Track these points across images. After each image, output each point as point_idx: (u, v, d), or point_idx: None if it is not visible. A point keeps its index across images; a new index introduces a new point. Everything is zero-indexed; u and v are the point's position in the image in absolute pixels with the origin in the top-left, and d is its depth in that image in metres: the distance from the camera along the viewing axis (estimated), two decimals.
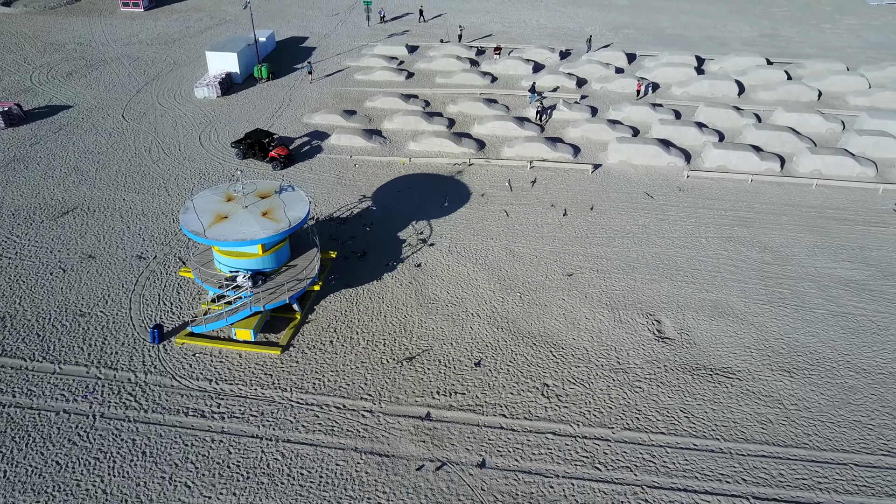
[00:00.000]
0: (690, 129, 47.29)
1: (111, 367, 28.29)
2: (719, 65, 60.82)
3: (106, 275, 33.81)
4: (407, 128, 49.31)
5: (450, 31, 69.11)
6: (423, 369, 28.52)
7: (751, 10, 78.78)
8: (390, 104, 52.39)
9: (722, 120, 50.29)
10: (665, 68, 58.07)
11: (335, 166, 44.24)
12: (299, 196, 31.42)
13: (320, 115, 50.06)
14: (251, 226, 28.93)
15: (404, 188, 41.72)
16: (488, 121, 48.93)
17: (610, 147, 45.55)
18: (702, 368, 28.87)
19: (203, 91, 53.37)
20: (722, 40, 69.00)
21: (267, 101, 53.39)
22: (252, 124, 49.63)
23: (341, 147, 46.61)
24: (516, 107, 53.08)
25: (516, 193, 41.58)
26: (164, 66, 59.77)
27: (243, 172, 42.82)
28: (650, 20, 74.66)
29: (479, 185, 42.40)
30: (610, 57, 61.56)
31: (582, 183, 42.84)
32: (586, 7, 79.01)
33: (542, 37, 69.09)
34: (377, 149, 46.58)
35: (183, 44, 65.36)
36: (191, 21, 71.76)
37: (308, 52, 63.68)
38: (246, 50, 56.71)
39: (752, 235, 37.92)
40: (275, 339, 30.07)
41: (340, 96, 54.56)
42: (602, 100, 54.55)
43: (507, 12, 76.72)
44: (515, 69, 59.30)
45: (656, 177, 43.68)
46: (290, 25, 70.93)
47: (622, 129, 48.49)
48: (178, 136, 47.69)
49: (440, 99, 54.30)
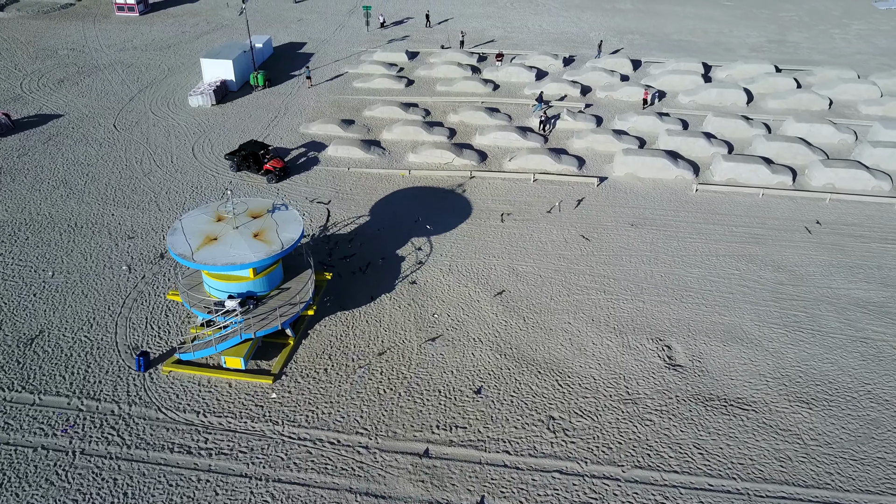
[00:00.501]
0: (699, 140, 45.84)
1: (94, 397, 26.87)
2: (727, 72, 59.37)
3: (92, 296, 32.40)
4: (406, 138, 47.89)
5: (451, 36, 67.71)
6: (423, 400, 27.09)
7: (758, 15, 77.34)
8: (389, 113, 50.98)
9: (731, 130, 48.83)
10: (671, 76, 56.62)
11: (332, 179, 42.82)
12: (293, 216, 29.99)
13: (317, 124, 48.65)
14: (241, 248, 27.51)
15: (415, 213, 40.28)
16: (490, 131, 47.50)
17: (616, 159, 44.12)
18: (715, 399, 27.43)
19: (197, 99, 51.97)
20: (729, 46, 67.55)
21: (263, 110, 51.98)
22: (247, 134, 48.24)
23: (339, 159, 45.19)
24: (519, 116, 51.66)
25: (518, 209, 40.15)
26: (158, 73, 58.38)
27: (235, 190, 41.39)
28: (655, 25, 73.25)
29: (482, 199, 40.97)
30: (615, 64, 60.13)
31: (587, 197, 41.39)
32: (590, 12, 77.60)
33: (544, 42, 67.67)
34: (375, 161, 45.16)
35: (178, 49, 63.96)
36: (186, 26, 70.38)
37: (306, 58, 62.30)
38: (241, 57, 55.32)
39: (765, 253, 36.47)
40: (266, 366, 28.66)
41: (338, 104, 53.15)
42: (607, 108, 53.11)
43: (510, 17, 75.32)
44: (518, 76, 57.88)
45: (664, 190, 42.24)
46: (288, 31, 69.54)
47: (628, 139, 47.05)
48: (171, 146, 46.29)
49: (441, 108, 52.89)
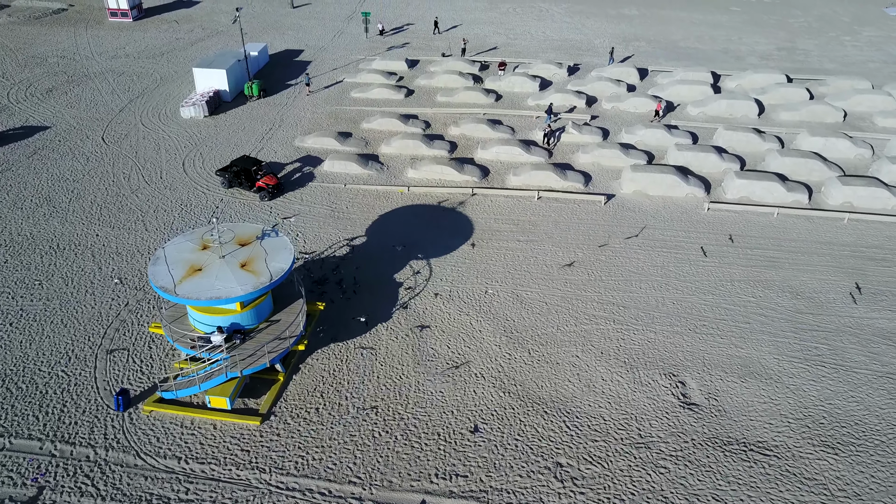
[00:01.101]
0: (710, 155, 44.01)
1: (68, 440, 25.07)
2: (737, 82, 57.54)
3: (72, 325, 30.62)
4: (405, 152, 46.09)
5: (452, 44, 65.91)
6: (420, 444, 25.27)
7: (766, 21, 75.51)
8: (388, 125, 49.19)
9: (742, 144, 46.99)
10: (679, 86, 54.79)
11: (328, 196, 41.03)
12: (283, 243, 28.19)
13: (313, 137, 46.86)
14: (227, 280, 25.72)
15: (414, 233, 38.50)
16: (492, 145, 45.69)
17: (624, 175, 42.28)
18: (734, 443, 25.60)
19: (189, 111, 50.20)
20: (737, 54, 65.73)
21: (257, 122, 50.20)
22: (240, 147, 46.46)
23: (335, 174, 43.40)
24: (522, 128, 49.85)
25: (522, 228, 38.35)
26: (150, 82, 56.61)
27: (225, 208, 39.59)
28: (661, 32, 71.43)
29: (484, 218, 39.16)
30: (621, 73, 58.31)
31: (594, 216, 39.59)
32: (594, 18, 75.79)
33: (548, 50, 65.88)
34: (373, 176, 43.36)
35: (171, 57, 62.20)
36: (181, 32, 68.63)
37: (303, 66, 60.52)
38: (236, 66, 53.55)
39: (782, 279, 34.64)
40: (254, 405, 26.85)
41: (335, 116, 51.36)
42: (613, 120, 51.29)
43: (512, 23, 73.52)
44: (521, 86, 56.08)
45: (674, 209, 40.42)
46: (285, 38, 67.77)
47: (636, 154, 45.23)
48: (161, 161, 44.52)
49: (441, 119, 51.08)
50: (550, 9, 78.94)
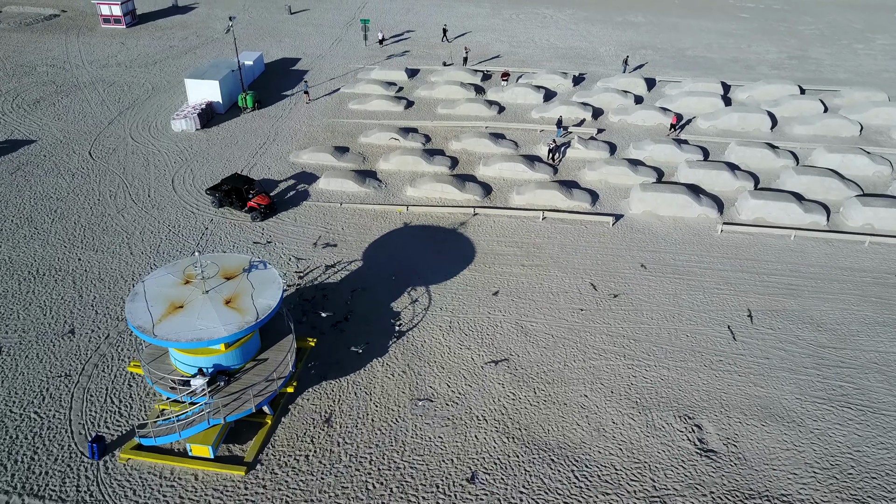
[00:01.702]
0: (722, 172, 42.10)
1: (37, 493, 23.22)
2: (748, 93, 55.63)
3: (48, 360, 28.78)
4: (405, 168, 44.24)
5: (454, 53, 64.05)
6: (417, 498, 23.39)
7: (776, 29, 73.58)
8: (386, 140, 47.31)
9: (756, 160, 45.07)
10: (689, 98, 52.89)
11: (323, 216, 39.19)
12: (271, 277, 26.34)
13: (308, 153, 45.03)
14: (210, 319, 23.87)
15: (412, 257, 36.64)
16: (495, 161, 43.82)
17: (633, 195, 40.38)
18: (756, 496, 23.69)
19: (181, 123, 48.39)
20: (748, 63, 63.81)
21: (251, 135, 48.37)
22: (233, 163, 44.63)
23: (330, 192, 41.55)
24: (526, 143, 47.98)
25: (527, 252, 36.48)
26: (142, 93, 54.82)
27: (212, 233, 37.73)
28: (669, 40, 69.53)
29: (486, 240, 37.30)
30: (628, 83, 56.42)
31: (601, 238, 37.70)
32: (600, 25, 73.90)
33: (552, 58, 64.02)
34: (370, 195, 41.51)
35: (164, 66, 60.41)
36: (175, 40, 66.83)
37: (300, 76, 58.73)
38: (229, 76, 51.74)
39: (802, 308, 32.72)
40: (240, 451, 24.99)
41: (332, 129, 49.52)
42: (621, 134, 49.40)
43: (515, 30, 71.65)
44: (525, 98, 54.21)
45: (685, 231, 38.52)
46: (282, 45, 65.96)
47: (645, 171, 43.34)
48: (150, 178, 42.70)
49: (442, 133, 49.23)
50: (555, 15, 77.08)
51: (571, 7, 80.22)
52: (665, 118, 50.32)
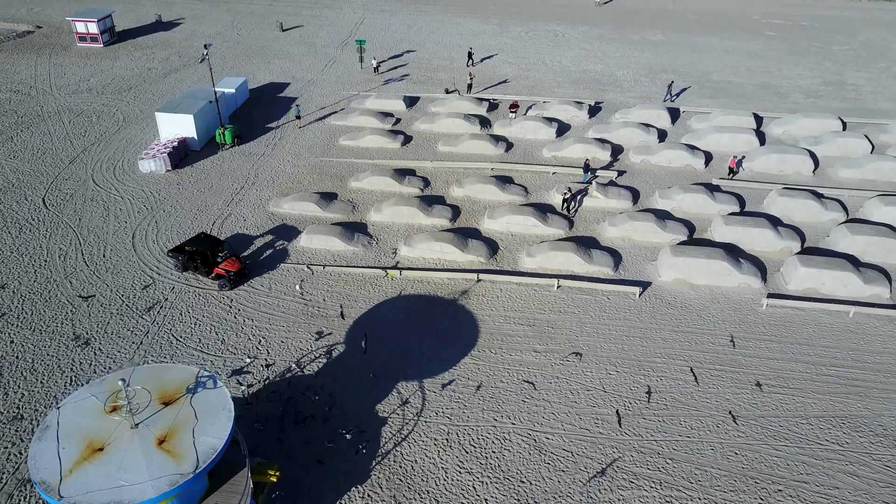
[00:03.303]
0: (764, 230, 36.52)
1: None
2: (783, 127, 49.97)
3: None
4: (399, 221, 38.83)
5: (457, 78, 58.58)
6: None
7: (807, 50, 67.84)
8: (380, 185, 41.91)
9: (801, 213, 39.47)
10: (720, 135, 47.27)
11: (303, 284, 33.78)
12: (221, 400, 20.89)
13: (290, 201, 39.66)
14: (137, 470, 18.46)
15: (405, 337, 31.18)
16: (502, 213, 38.34)
17: (662, 259, 34.84)
18: None
19: (149, 164, 43.07)
20: (779, 89, 58.16)
21: (227, 177, 43.02)
22: (204, 212, 39.29)
23: (313, 252, 36.15)
24: (536, 188, 42.48)
25: (539, 332, 30.99)
26: (111, 124, 49.52)
27: (172, 305, 32.32)
28: (691, 62, 63.90)
29: (491, 315, 31.83)
30: (649, 116, 50.82)
31: (627, 313, 32.18)
32: (615, 44, 68.29)
33: (565, 84, 58.50)
34: (359, 255, 36.09)
35: (140, 92, 55.14)
36: (155, 61, 61.55)
37: (287, 103, 53.39)
38: (206, 109, 46.41)
39: (870, 413, 27.14)
40: None
41: (319, 170, 44.13)
42: (643, 177, 43.87)
43: (524, 51, 66.12)
44: (535, 132, 48.72)
45: (724, 304, 32.96)
46: (270, 68, 60.61)
47: (674, 227, 37.80)
48: (108, 232, 37.39)
49: (442, 176, 43.76)
50: (567, 33, 71.53)
51: (584, 24, 74.69)
52: (694, 158, 44.74)
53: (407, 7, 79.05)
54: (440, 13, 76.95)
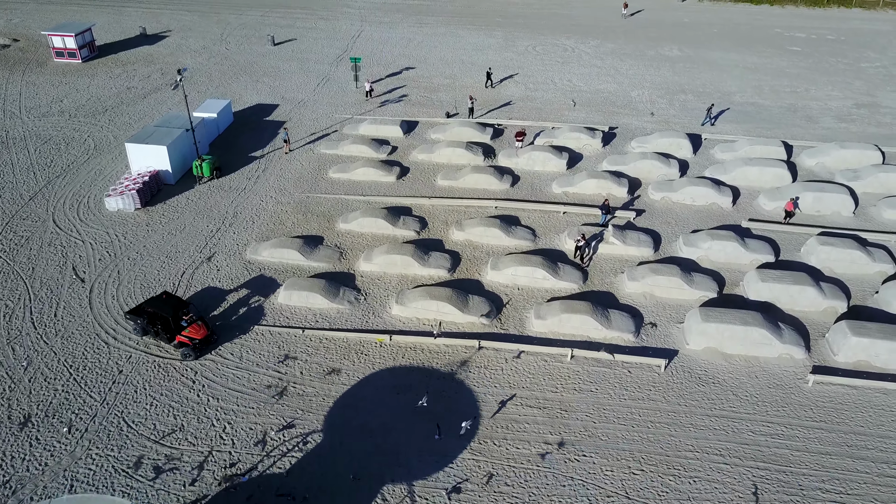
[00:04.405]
0: (806, 289, 32.08)
1: None
2: (816, 158, 45.43)
3: None
4: (391, 271, 34.54)
5: (459, 101, 54.22)
6: None
7: (835, 67, 63.23)
8: (371, 227, 37.63)
9: (844, 264, 35.00)
10: (747, 168, 42.79)
11: (277, 350, 29.55)
12: None
13: (270, 248, 35.40)
14: None
15: (393, 427, 26.88)
16: (507, 264, 33.98)
17: (690, 323, 30.43)
18: None
19: (116, 202, 38.90)
20: (807, 112, 53.63)
21: (202, 217, 38.79)
22: (174, 259, 35.10)
23: (292, 310, 31.88)
24: (546, 231, 38.13)
25: (552, 417, 26.62)
26: (81, 153, 45.37)
27: (126, 378, 28.02)
28: (711, 81, 59.40)
29: (495, 395, 27.51)
30: (669, 145, 46.35)
31: (651, 392, 27.81)
32: (629, 61, 63.82)
33: (576, 105, 54.03)
34: (344, 314, 31.81)
35: (116, 115, 50.97)
36: (135, 78, 57.38)
37: (275, 127, 49.18)
38: (182, 138, 42.22)
39: None
40: None
41: (305, 208, 39.88)
42: (664, 217, 39.47)
43: (531, 68, 61.71)
44: (544, 164, 44.33)
45: (763, 380, 28.55)
46: (259, 87, 56.37)
47: (702, 281, 33.38)
48: (63, 284, 33.22)
49: (441, 215, 39.44)
50: (577, 48, 67.08)
51: (596, 37, 70.22)
52: (720, 196, 40.32)
53: (407, 19, 74.77)
54: (442, 25, 72.64)
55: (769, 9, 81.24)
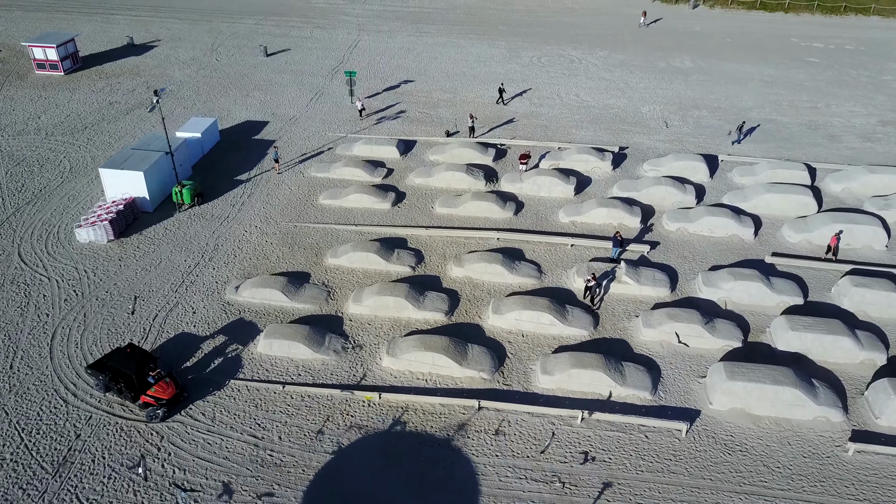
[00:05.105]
0: (841, 338, 29.00)
1: None
2: (842, 184, 42.32)
3: None
4: (383, 314, 31.56)
5: (459, 119, 51.20)
6: None
7: (856, 80, 60.03)
8: (362, 262, 34.65)
9: (881, 308, 31.91)
10: (770, 195, 39.68)
11: (254, 409, 26.59)
12: None
13: (252, 287, 32.44)
14: None
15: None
16: (511, 306, 30.97)
17: (714, 380, 27.36)
18: None
19: (88, 233, 35.99)
20: (829, 130, 50.47)
21: (180, 250, 35.86)
22: (147, 299, 32.19)
23: (273, 361, 28.92)
24: (552, 265, 35.10)
25: (559, 498, 23.57)
26: (55, 176, 42.50)
27: (84, 444, 25.04)
28: (726, 95, 56.27)
29: (497, 468, 24.45)
30: (684, 168, 43.27)
31: (671, 463, 24.74)
32: (639, 73, 60.71)
33: (583, 122, 51.03)
34: (330, 366, 28.82)
35: (96, 132, 48.09)
36: (119, 93, 54.48)
37: (264, 146, 46.28)
38: (161, 163, 39.31)
39: None
40: None
41: (292, 240, 36.92)
42: (681, 251, 36.40)
43: (536, 80, 58.65)
44: (550, 189, 41.31)
45: (797, 447, 25.48)
46: (248, 102, 53.43)
47: (725, 329, 30.30)
48: (22, 331, 30.30)
49: (438, 247, 36.44)
50: (584, 59, 64.00)
51: (604, 48, 67.09)
52: (741, 227, 37.25)
53: (407, 27, 71.77)
54: (443, 35, 69.60)
55: (784, 16, 78.01)
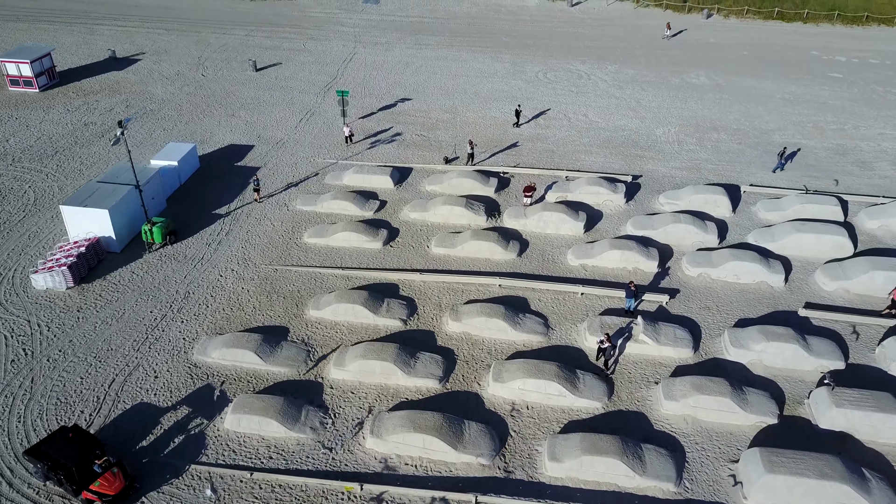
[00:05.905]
0: (891, 416, 25.19)
1: None
2: (879, 220, 38.52)
3: None
4: (369, 381, 27.91)
5: (459, 142, 47.52)
6: None
7: (884, 98, 56.12)
8: (347, 315, 31.01)
9: None
10: (800, 235, 35.90)
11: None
12: None
13: (222, 346, 28.81)
14: None
15: None
16: (514, 373, 27.30)
17: (749, 473, 23.59)
18: None
19: (45, 279, 32.43)
20: (860, 156, 46.63)
21: (146, 299, 32.27)
22: (104, 360, 28.65)
23: (240, 440, 25.28)
24: (560, 319, 31.39)
25: None
26: (16, 210, 38.98)
27: None
28: (746, 115, 52.45)
29: None
30: (704, 201, 39.53)
31: None
32: (651, 90, 56.91)
33: (592, 147, 47.27)
34: (305, 447, 25.15)
35: (67, 158, 44.56)
36: (96, 112, 50.94)
37: (247, 174, 42.71)
38: (130, 198, 35.72)
39: None
40: None
41: (271, 287, 33.29)
42: (703, 300, 32.64)
43: (542, 98, 54.90)
44: (557, 227, 37.61)
45: None
46: (233, 123, 49.82)
47: (758, 402, 26.52)
48: None
49: (433, 296, 32.76)
50: (593, 74, 60.23)
51: (614, 62, 63.29)
52: (770, 273, 33.50)
53: (405, 39, 68.08)
54: (444, 47, 65.91)
55: (803, 27, 74.05)
